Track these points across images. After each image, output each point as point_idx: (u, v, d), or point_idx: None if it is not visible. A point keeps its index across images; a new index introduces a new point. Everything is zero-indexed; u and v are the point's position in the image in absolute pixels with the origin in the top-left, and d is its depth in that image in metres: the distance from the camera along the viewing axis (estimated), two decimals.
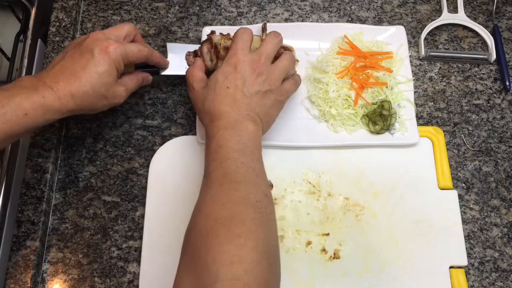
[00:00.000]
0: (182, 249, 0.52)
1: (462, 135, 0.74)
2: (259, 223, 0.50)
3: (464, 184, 0.71)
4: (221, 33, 0.71)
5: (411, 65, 0.77)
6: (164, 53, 0.71)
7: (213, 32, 0.72)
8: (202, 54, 0.71)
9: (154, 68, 0.69)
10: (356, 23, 0.80)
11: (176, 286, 0.48)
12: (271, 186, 0.68)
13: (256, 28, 0.76)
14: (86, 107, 0.59)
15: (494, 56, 0.78)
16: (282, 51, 0.69)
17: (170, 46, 0.71)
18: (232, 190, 0.52)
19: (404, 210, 0.68)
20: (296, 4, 0.82)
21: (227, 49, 0.68)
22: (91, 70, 0.58)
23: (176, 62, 0.71)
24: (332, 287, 0.63)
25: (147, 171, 0.69)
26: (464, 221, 0.68)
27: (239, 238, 0.48)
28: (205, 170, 0.57)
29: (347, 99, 0.71)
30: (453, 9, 0.81)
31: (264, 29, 0.74)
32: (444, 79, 0.77)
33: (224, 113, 0.59)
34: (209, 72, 0.70)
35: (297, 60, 0.72)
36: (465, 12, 0.81)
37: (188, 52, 0.72)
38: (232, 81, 0.60)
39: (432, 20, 0.80)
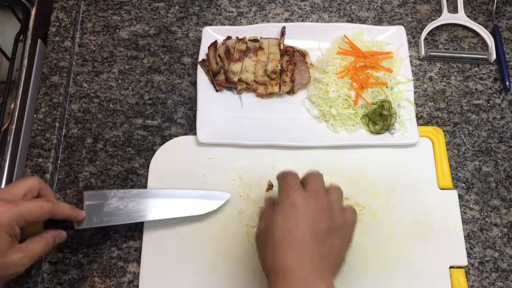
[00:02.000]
0: None
1: (462, 135, 0.74)
2: None
3: (464, 184, 0.71)
4: (237, 37, 0.74)
5: (411, 65, 0.77)
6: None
7: (229, 37, 0.74)
8: (209, 58, 0.73)
9: (67, 222, 0.59)
10: (356, 23, 0.80)
11: None
12: (271, 186, 0.68)
13: (256, 28, 0.76)
14: None
15: (494, 56, 0.78)
16: None
17: (87, 194, 0.62)
18: None
19: (404, 210, 0.68)
20: (296, 4, 0.82)
21: (240, 51, 0.71)
22: None
23: (95, 211, 0.61)
24: None
25: (147, 171, 0.69)
26: (464, 221, 0.68)
27: None
28: None
29: (347, 99, 0.71)
30: (453, 9, 0.81)
31: (283, 33, 0.74)
32: (444, 79, 0.77)
33: (288, 270, 0.49)
34: (214, 75, 0.72)
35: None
36: (465, 12, 0.81)
37: (201, 59, 0.74)
38: (294, 223, 0.50)
39: (432, 20, 0.80)
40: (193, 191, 0.66)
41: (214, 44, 0.74)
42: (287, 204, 0.52)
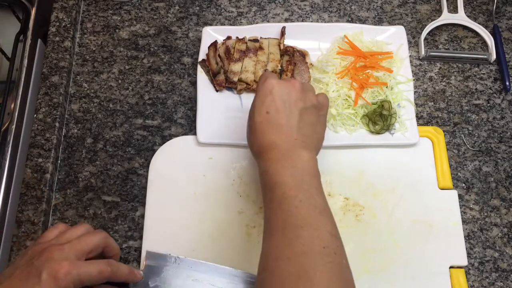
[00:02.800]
0: None
1: (462, 135, 0.74)
2: (330, 276, 0.46)
3: (464, 184, 0.71)
4: (237, 37, 0.74)
5: (411, 65, 0.77)
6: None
7: (229, 37, 0.74)
8: (209, 58, 0.73)
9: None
10: (356, 23, 0.80)
11: None
12: None
13: (256, 28, 0.76)
14: None
15: (494, 56, 0.78)
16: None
17: (149, 254, 0.62)
18: (295, 239, 0.48)
19: (404, 210, 0.68)
20: (296, 4, 0.82)
21: (240, 51, 0.71)
22: None
23: (153, 274, 0.60)
24: None
25: (147, 171, 0.69)
26: (464, 221, 0.68)
27: None
28: (264, 213, 0.53)
29: (347, 99, 0.71)
30: (453, 9, 0.81)
31: (283, 33, 0.74)
32: (444, 79, 0.77)
33: (271, 143, 0.54)
34: (214, 75, 0.72)
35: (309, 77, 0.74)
36: (465, 12, 0.81)
37: (201, 59, 0.74)
38: (271, 104, 0.56)
39: (432, 20, 0.80)
40: (253, 276, 0.61)
41: (214, 44, 0.74)
42: (264, 90, 0.57)
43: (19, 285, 0.49)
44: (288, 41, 0.75)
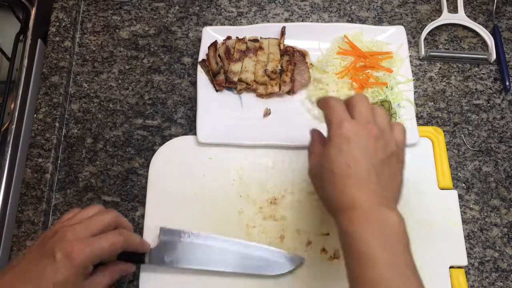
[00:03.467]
0: None
1: (462, 135, 0.74)
2: None
3: (464, 184, 0.71)
4: (237, 37, 0.74)
5: (411, 65, 0.77)
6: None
7: (229, 37, 0.74)
8: (209, 58, 0.73)
9: (137, 255, 0.60)
10: (356, 23, 0.80)
11: None
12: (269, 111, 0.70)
13: (256, 28, 0.76)
14: None
15: (494, 56, 0.78)
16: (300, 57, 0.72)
17: (163, 230, 0.63)
18: None
19: (404, 210, 0.67)
20: (296, 4, 0.82)
21: (240, 51, 0.71)
22: (48, 278, 0.49)
23: (167, 250, 0.62)
24: (332, 287, 0.63)
25: (147, 171, 0.69)
26: (464, 221, 0.68)
27: None
28: (349, 282, 0.48)
29: None
30: (453, 9, 0.81)
31: (283, 33, 0.74)
32: (444, 79, 0.77)
33: (353, 200, 0.49)
34: (214, 75, 0.72)
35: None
36: (465, 12, 0.81)
37: (201, 59, 0.74)
38: (349, 154, 0.50)
39: (432, 20, 0.80)
40: (268, 248, 0.64)
41: (214, 44, 0.74)
42: (340, 137, 0.51)
43: (32, 268, 0.50)
44: (288, 41, 0.75)
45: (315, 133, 0.57)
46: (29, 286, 0.49)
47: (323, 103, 0.55)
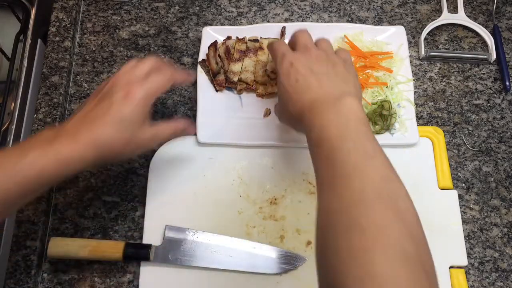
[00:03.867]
0: (317, 270, 0.46)
1: (462, 135, 0.74)
2: (384, 223, 0.43)
3: (464, 184, 0.71)
4: (237, 37, 0.74)
5: (411, 65, 0.77)
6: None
7: (229, 37, 0.74)
8: (209, 58, 0.73)
9: (144, 255, 0.62)
10: (356, 23, 0.80)
11: None
12: (269, 111, 0.71)
13: (256, 28, 0.76)
14: (109, 156, 0.54)
15: (494, 56, 0.78)
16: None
17: (168, 228, 0.65)
18: (344, 191, 0.46)
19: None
20: (296, 4, 0.82)
21: (240, 51, 0.71)
22: (114, 115, 0.53)
23: (172, 247, 0.63)
24: None
25: (147, 171, 0.69)
26: (464, 221, 0.68)
27: (365, 253, 0.41)
28: (315, 172, 0.51)
29: None
30: (453, 9, 0.81)
31: (283, 33, 0.74)
32: (444, 79, 0.77)
33: (310, 100, 0.54)
34: (214, 75, 0.72)
35: None
36: (465, 12, 0.81)
37: (201, 59, 0.74)
38: (296, 74, 0.56)
39: (432, 20, 0.80)
40: (271, 248, 0.64)
41: (214, 44, 0.74)
42: (284, 66, 0.57)
43: (95, 109, 0.54)
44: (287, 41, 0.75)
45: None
46: (94, 125, 0.52)
47: (269, 48, 0.63)
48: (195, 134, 0.68)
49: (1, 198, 0.48)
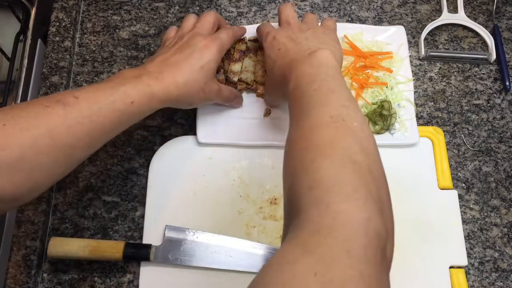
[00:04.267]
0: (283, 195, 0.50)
1: (462, 135, 0.74)
2: (333, 137, 0.46)
3: (464, 184, 0.71)
4: None
5: (411, 65, 0.77)
6: None
7: None
8: None
9: (144, 255, 0.63)
10: (356, 23, 0.80)
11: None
12: (269, 111, 0.72)
13: (255, 28, 0.76)
14: (186, 98, 0.60)
15: (494, 56, 0.78)
16: None
17: (168, 227, 0.65)
18: (305, 119, 0.49)
19: (404, 210, 0.67)
20: (296, 4, 0.82)
21: (240, 51, 0.71)
22: (195, 62, 0.59)
23: (172, 247, 0.64)
24: None
25: (147, 171, 0.69)
26: (464, 221, 0.68)
27: (312, 163, 0.44)
28: (289, 114, 0.55)
29: None
30: (453, 9, 0.81)
31: None
32: (444, 79, 0.77)
33: (291, 61, 0.58)
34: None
35: None
36: (465, 12, 0.81)
37: None
38: (278, 44, 0.61)
39: (432, 20, 0.80)
40: (271, 248, 0.65)
41: None
42: (268, 41, 0.63)
43: (175, 54, 0.60)
44: None
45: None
46: (177, 68, 0.58)
47: (257, 30, 0.68)
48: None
49: (100, 125, 0.53)
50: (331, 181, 0.42)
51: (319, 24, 0.66)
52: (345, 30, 0.76)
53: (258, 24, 0.77)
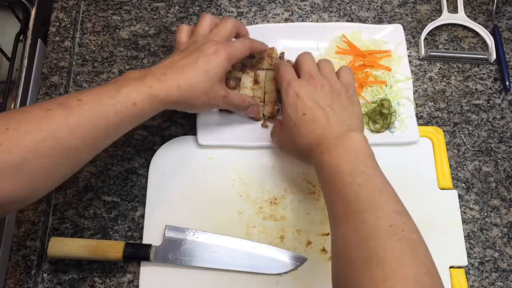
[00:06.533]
0: None
1: (462, 135, 0.74)
2: (400, 253, 0.46)
3: (464, 184, 0.71)
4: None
5: (411, 65, 0.77)
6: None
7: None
8: None
9: (144, 254, 0.63)
10: (356, 23, 0.79)
11: None
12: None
13: (255, 29, 0.76)
14: (188, 100, 0.59)
15: (494, 56, 0.78)
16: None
17: (168, 227, 0.65)
18: (360, 224, 0.48)
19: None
20: (296, 4, 0.82)
21: (236, 79, 0.70)
22: (200, 66, 0.59)
23: (173, 247, 0.64)
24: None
25: (147, 171, 0.69)
26: (464, 221, 0.68)
27: (385, 283, 0.44)
28: (326, 205, 0.55)
29: None
30: (453, 9, 0.81)
31: (281, 58, 0.73)
32: (444, 79, 0.77)
33: (319, 137, 0.57)
34: None
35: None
36: (465, 12, 0.81)
37: None
38: (303, 106, 0.59)
39: (432, 20, 0.80)
40: (271, 248, 0.64)
41: None
42: (290, 97, 0.60)
43: (183, 58, 0.59)
44: (288, 41, 0.75)
45: (276, 121, 0.69)
46: (181, 71, 0.58)
47: (276, 70, 0.67)
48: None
49: (103, 127, 0.53)
50: None
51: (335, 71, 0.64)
52: (343, 29, 0.76)
53: (258, 25, 0.77)
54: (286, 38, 0.75)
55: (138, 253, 0.62)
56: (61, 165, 0.52)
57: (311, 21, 0.80)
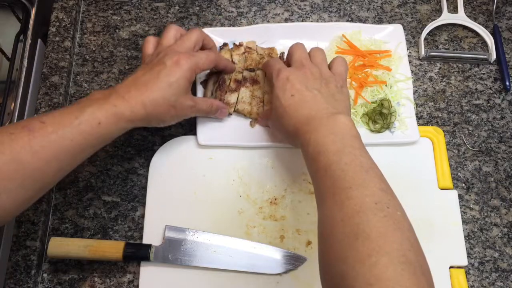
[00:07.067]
0: (321, 276, 0.49)
1: (462, 135, 0.74)
2: (385, 229, 0.46)
3: (464, 184, 0.71)
4: (234, 43, 0.73)
5: (411, 65, 0.77)
6: None
7: (225, 44, 0.73)
8: (207, 84, 0.71)
9: (144, 255, 0.62)
10: (356, 23, 0.79)
11: None
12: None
13: (255, 29, 0.76)
14: (155, 116, 0.59)
15: (494, 56, 0.78)
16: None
17: (168, 227, 0.65)
18: (346, 200, 0.49)
19: (404, 210, 0.67)
20: (296, 4, 0.82)
21: (236, 81, 0.70)
22: (163, 80, 0.58)
23: (172, 247, 0.64)
24: None
25: (147, 171, 0.69)
26: (464, 221, 0.68)
27: (370, 258, 0.44)
28: (313, 183, 0.55)
29: None
30: (453, 9, 0.81)
31: (281, 58, 0.73)
32: (444, 79, 0.77)
33: (306, 116, 0.58)
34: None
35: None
36: (465, 12, 0.81)
37: (202, 80, 0.72)
38: (292, 88, 0.60)
39: (432, 20, 0.80)
40: (271, 248, 0.64)
41: (217, 74, 0.71)
42: (280, 80, 0.61)
43: (145, 74, 0.59)
44: (287, 41, 0.75)
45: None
46: (144, 88, 0.57)
47: (264, 65, 0.68)
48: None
49: (68, 148, 0.53)
50: (390, 280, 0.43)
51: (327, 61, 0.66)
52: (343, 29, 0.76)
53: (258, 25, 0.77)
54: (286, 38, 0.75)
55: (138, 253, 0.62)
56: (26, 188, 0.52)
57: (311, 21, 0.80)
